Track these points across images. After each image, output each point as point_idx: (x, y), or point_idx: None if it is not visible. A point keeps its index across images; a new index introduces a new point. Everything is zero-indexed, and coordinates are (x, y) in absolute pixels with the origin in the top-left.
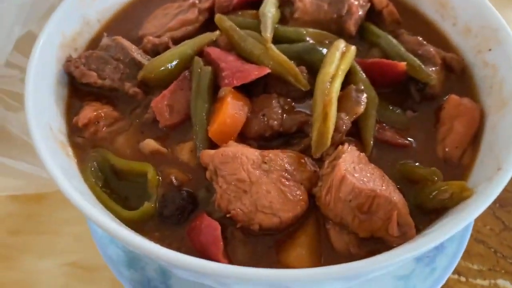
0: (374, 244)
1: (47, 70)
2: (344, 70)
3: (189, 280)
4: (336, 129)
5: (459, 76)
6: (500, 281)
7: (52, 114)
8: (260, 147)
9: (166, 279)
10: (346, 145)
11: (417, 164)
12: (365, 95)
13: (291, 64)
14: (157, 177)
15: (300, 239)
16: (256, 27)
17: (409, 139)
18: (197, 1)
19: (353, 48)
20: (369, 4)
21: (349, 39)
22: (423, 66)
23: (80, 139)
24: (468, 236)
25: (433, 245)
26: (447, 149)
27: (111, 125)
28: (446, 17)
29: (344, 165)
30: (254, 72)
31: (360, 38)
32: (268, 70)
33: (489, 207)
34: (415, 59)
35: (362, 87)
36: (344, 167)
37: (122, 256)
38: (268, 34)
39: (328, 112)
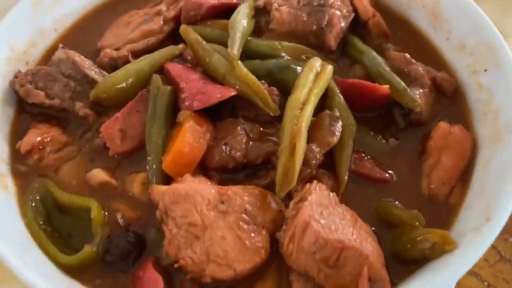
0: None
1: None
2: (317, 94)
3: None
4: (306, 163)
5: (450, 99)
6: None
7: None
8: (222, 179)
9: None
10: (314, 183)
11: (397, 202)
12: (340, 123)
13: (260, 85)
14: (103, 214)
15: None
16: (225, 40)
17: (390, 172)
18: (164, 9)
19: (329, 68)
20: (353, 15)
21: (330, 54)
22: (408, 90)
23: (23, 166)
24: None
25: None
26: (432, 186)
27: (58, 151)
28: (439, 30)
29: (309, 209)
30: (216, 95)
31: (342, 52)
32: (233, 93)
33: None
34: (399, 80)
35: (338, 114)
36: (308, 212)
37: None
38: (235, 50)
39: (296, 144)
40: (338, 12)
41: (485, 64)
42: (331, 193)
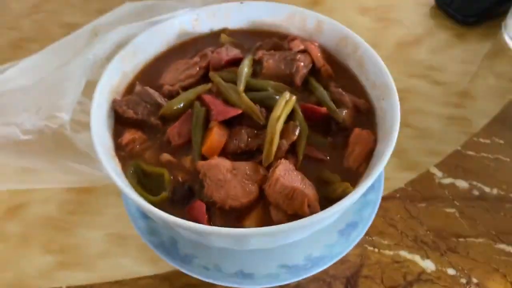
0: (297, 218)
1: (101, 109)
2: (287, 112)
3: (190, 244)
4: (278, 149)
5: (365, 115)
6: (402, 252)
7: (105, 137)
8: (233, 159)
9: (175, 243)
10: (282, 159)
11: (328, 172)
12: (298, 128)
13: (254, 106)
14: (170, 177)
15: (252, 215)
16: (236, 80)
17: (327, 156)
18: (198, 60)
19: (294, 97)
20: (311, 64)
21: (297, 88)
22: (336, 110)
23: (123, 153)
24: (371, 220)
25: (325, 217)
26: (349, 163)
27: (141, 144)
28: (362, 75)
29: (278, 172)
30: (231, 112)
31: (304, 88)
32: (240, 111)
33: (402, 202)
34: (332, 104)
35: (297, 123)
36: (278, 173)
37: (146, 227)
38: (241, 87)
39: (273, 139)
40: (302, 63)
41: (383, 95)
42: (291, 165)
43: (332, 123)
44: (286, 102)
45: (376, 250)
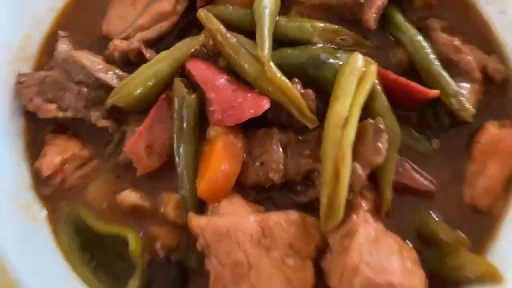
0: None
1: None
2: (361, 104)
3: None
4: (349, 187)
5: (500, 88)
6: None
7: (9, 172)
8: (258, 198)
9: None
10: (361, 214)
11: (435, 216)
12: (386, 137)
13: (295, 92)
14: (140, 243)
15: None
16: (250, 22)
17: (432, 180)
18: None
19: (373, 68)
20: None
21: (367, 32)
22: (461, 99)
23: (48, 189)
24: None
25: None
26: (475, 195)
27: (81, 167)
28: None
29: (357, 252)
30: (249, 111)
31: (382, 27)
32: (266, 106)
33: None
34: (451, 83)
35: (382, 126)
36: (357, 255)
37: None
38: (266, 51)
39: (340, 171)
40: None
41: None
42: (375, 224)
43: (441, 111)
44: (358, 82)
45: None
